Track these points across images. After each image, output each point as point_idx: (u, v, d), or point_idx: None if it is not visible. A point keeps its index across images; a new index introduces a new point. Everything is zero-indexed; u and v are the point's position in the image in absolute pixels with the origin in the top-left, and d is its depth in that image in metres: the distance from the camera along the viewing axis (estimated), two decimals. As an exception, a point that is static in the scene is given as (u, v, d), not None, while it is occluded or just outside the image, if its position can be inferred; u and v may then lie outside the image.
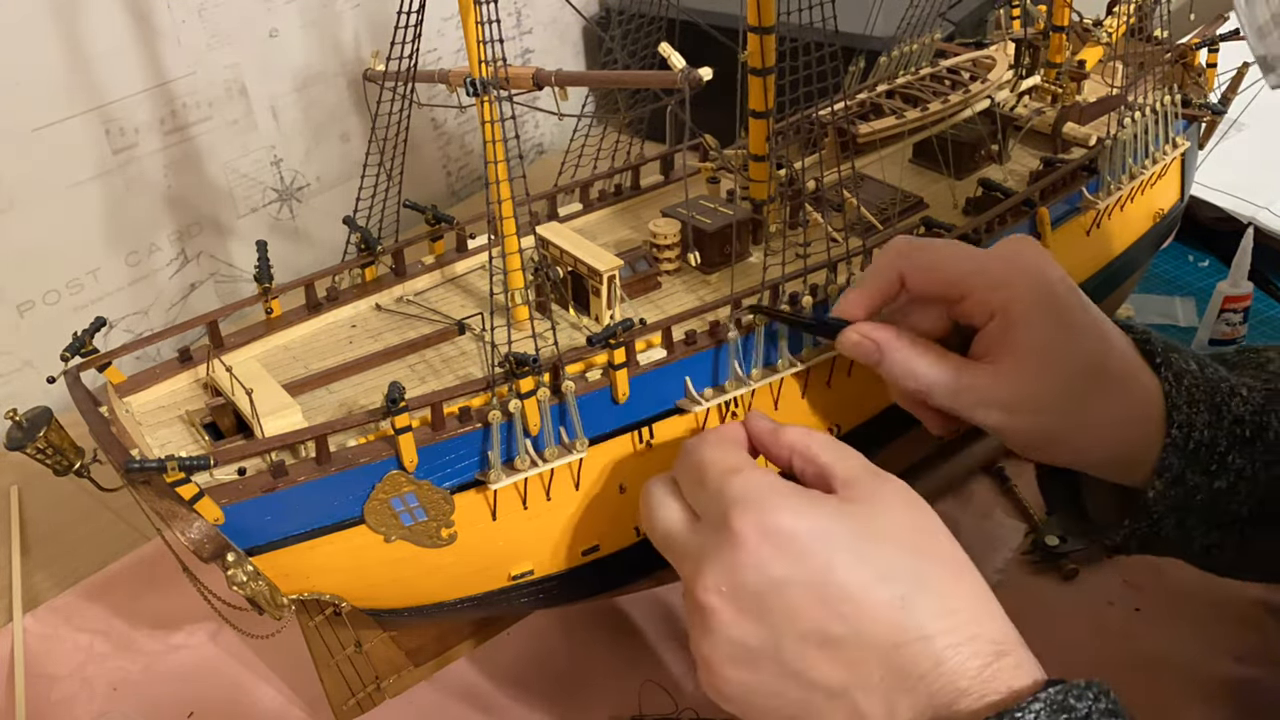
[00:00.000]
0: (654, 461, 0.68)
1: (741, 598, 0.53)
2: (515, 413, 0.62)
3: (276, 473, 0.60)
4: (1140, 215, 0.92)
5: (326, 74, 1.28)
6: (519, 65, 0.64)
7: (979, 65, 0.96)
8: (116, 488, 0.62)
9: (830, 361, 0.72)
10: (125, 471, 0.57)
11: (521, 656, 0.82)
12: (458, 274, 0.80)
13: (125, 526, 0.94)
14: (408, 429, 0.60)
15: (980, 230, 0.78)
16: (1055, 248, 0.81)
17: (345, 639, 0.73)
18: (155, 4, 1.09)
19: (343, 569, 0.64)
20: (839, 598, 0.52)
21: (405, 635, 0.77)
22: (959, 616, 0.51)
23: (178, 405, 0.69)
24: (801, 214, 0.78)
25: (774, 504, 0.54)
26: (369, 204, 0.78)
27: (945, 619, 0.51)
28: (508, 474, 0.64)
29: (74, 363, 0.67)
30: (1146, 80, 0.88)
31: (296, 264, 1.28)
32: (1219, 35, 0.99)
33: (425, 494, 0.62)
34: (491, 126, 0.63)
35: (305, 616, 0.70)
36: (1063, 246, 0.82)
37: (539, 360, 0.62)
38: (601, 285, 0.70)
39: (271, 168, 1.27)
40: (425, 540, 0.64)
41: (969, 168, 0.89)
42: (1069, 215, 0.84)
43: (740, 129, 0.78)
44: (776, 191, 0.78)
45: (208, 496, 0.58)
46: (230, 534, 0.59)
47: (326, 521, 0.62)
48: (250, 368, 0.68)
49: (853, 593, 0.52)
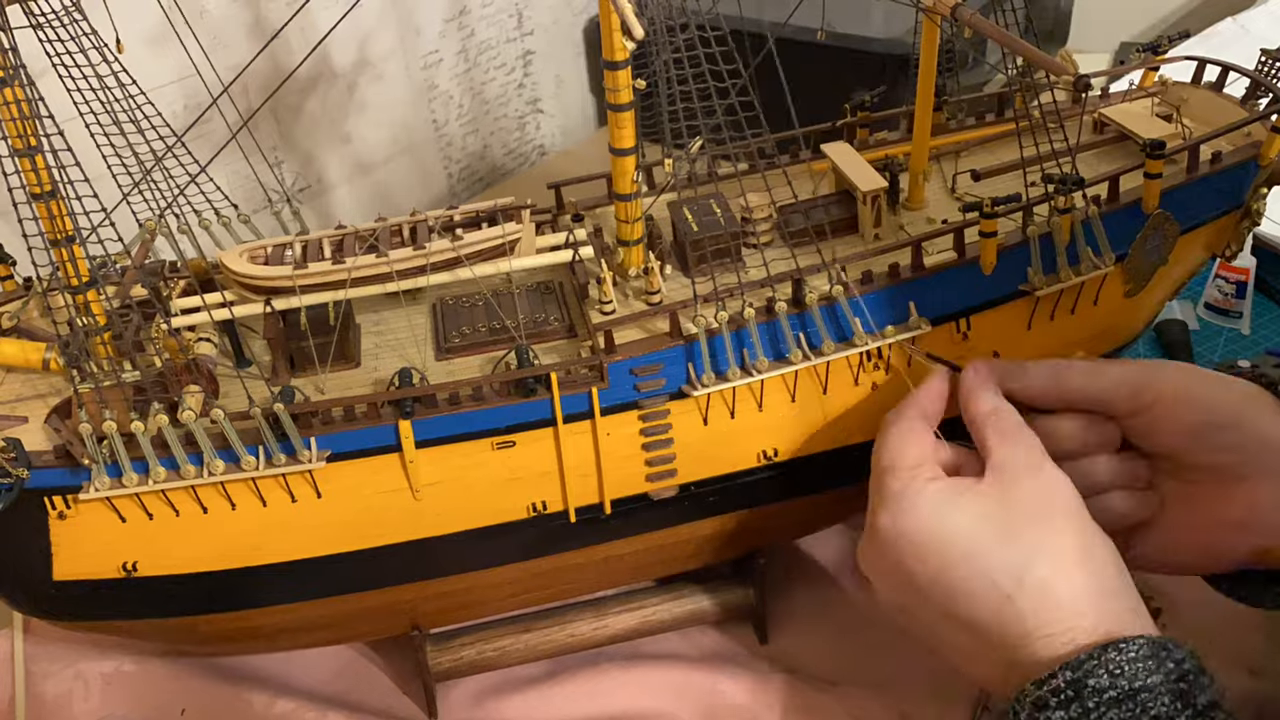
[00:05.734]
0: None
1: (885, 577, 0.65)
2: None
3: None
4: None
5: None
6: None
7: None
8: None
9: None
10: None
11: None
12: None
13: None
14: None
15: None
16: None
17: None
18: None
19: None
20: (952, 594, 0.61)
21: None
22: (1061, 611, 0.58)
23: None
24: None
25: (907, 507, 0.63)
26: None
27: (1045, 614, 0.58)
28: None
29: None
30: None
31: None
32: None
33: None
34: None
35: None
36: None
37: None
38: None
39: None
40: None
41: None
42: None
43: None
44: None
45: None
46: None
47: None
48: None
49: (963, 593, 0.60)
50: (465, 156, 1.50)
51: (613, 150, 0.72)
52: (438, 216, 0.75)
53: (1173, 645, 0.55)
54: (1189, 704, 0.53)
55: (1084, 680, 0.54)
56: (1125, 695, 0.53)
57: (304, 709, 0.81)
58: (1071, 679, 0.54)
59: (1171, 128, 0.83)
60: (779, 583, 0.87)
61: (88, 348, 0.68)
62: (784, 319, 0.72)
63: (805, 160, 0.88)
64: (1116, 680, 0.53)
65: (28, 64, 0.61)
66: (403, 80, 1.37)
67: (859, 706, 0.79)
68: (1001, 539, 0.61)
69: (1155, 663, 0.54)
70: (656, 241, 0.80)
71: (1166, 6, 1.81)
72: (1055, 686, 0.54)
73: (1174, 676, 0.54)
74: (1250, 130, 0.81)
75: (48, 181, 0.63)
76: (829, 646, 0.84)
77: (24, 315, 0.79)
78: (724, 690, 0.81)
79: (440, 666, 0.81)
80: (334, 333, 0.73)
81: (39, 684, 0.83)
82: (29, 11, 0.63)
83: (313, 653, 0.85)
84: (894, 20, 1.30)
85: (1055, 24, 1.66)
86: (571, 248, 0.77)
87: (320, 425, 0.70)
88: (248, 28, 1.18)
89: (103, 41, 0.67)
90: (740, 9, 0.72)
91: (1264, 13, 1.54)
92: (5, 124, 0.61)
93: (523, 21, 1.51)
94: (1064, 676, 0.54)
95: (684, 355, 0.72)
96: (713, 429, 0.74)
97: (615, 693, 0.81)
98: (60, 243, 0.65)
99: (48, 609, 0.76)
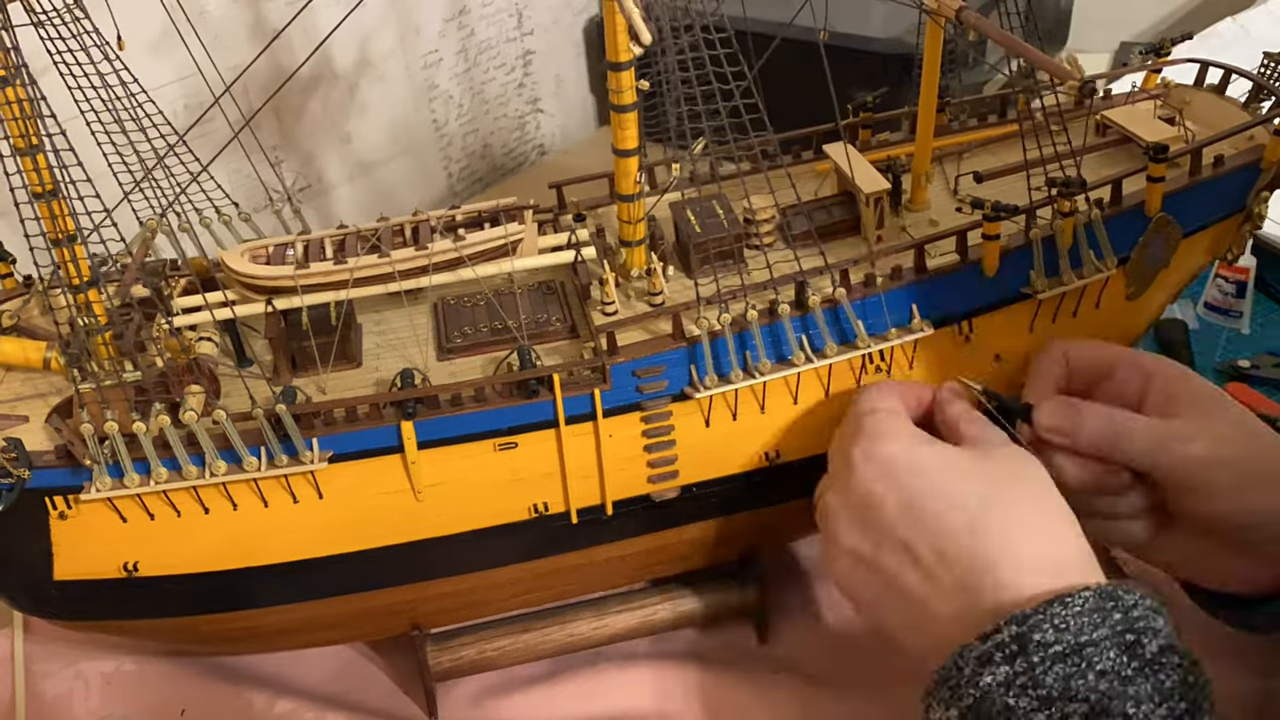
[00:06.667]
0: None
1: (851, 509, 0.65)
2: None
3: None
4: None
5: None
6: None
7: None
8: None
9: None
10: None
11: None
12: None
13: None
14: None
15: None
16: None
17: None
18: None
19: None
20: (920, 517, 0.61)
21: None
22: (1023, 545, 0.59)
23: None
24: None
25: (885, 435, 0.65)
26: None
27: (1009, 546, 0.58)
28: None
29: None
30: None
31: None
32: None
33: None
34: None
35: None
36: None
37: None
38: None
39: None
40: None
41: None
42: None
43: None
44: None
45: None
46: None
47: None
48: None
49: (931, 514, 0.61)
50: (465, 156, 1.50)
51: (616, 151, 0.72)
52: (440, 216, 0.75)
53: (1122, 593, 0.54)
54: (1135, 655, 0.52)
55: (1029, 635, 0.53)
56: (1071, 650, 0.52)
57: (304, 709, 0.81)
58: (1016, 633, 0.53)
59: (1174, 131, 0.83)
60: (779, 583, 0.87)
61: (89, 347, 0.67)
62: (787, 321, 0.72)
63: (808, 161, 0.88)
64: (1062, 635, 0.52)
65: (29, 62, 0.61)
66: (403, 80, 1.37)
67: (859, 706, 0.79)
68: (973, 478, 0.62)
69: (1101, 615, 0.53)
70: (659, 242, 0.80)
71: (1166, 7, 1.81)
72: (1000, 641, 0.53)
73: (1120, 628, 0.53)
74: (1253, 133, 0.81)
75: (49, 180, 0.63)
76: (829, 646, 0.84)
77: (24, 314, 0.79)
78: (724, 690, 0.81)
79: (440, 666, 0.81)
80: (336, 333, 0.73)
81: (39, 684, 0.83)
82: (30, 9, 0.63)
83: (313, 653, 0.84)
84: (895, 20, 1.30)
85: (1055, 24, 1.66)
86: (574, 248, 0.77)
87: (322, 426, 0.70)
88: (249, 28, 1.18)
89: (104, 40, 0.67)
90: (744, 9, 0.72)
91: (1264, 13, 1.54)
92: (7, 123, 0.61)
93: (523, 21, 1.51)
94: (1009, 631, 0.53)
95: (686, 357, 0.72)
96: (715, 431, 0.74)
97: (615, 693, 0.81)
98: (61, 242, 0.64)
99: (48, 609, 0.76)
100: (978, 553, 0.59)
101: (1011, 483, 0.63)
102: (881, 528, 0.63)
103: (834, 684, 0.81)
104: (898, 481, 0.63)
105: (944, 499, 0.61)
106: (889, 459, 0.64)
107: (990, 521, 0.60)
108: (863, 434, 0.66)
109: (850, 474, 0.65)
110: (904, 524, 0.62)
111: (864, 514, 0.64)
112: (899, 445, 0.65)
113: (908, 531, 0.62)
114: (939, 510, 0.61)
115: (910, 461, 0.64)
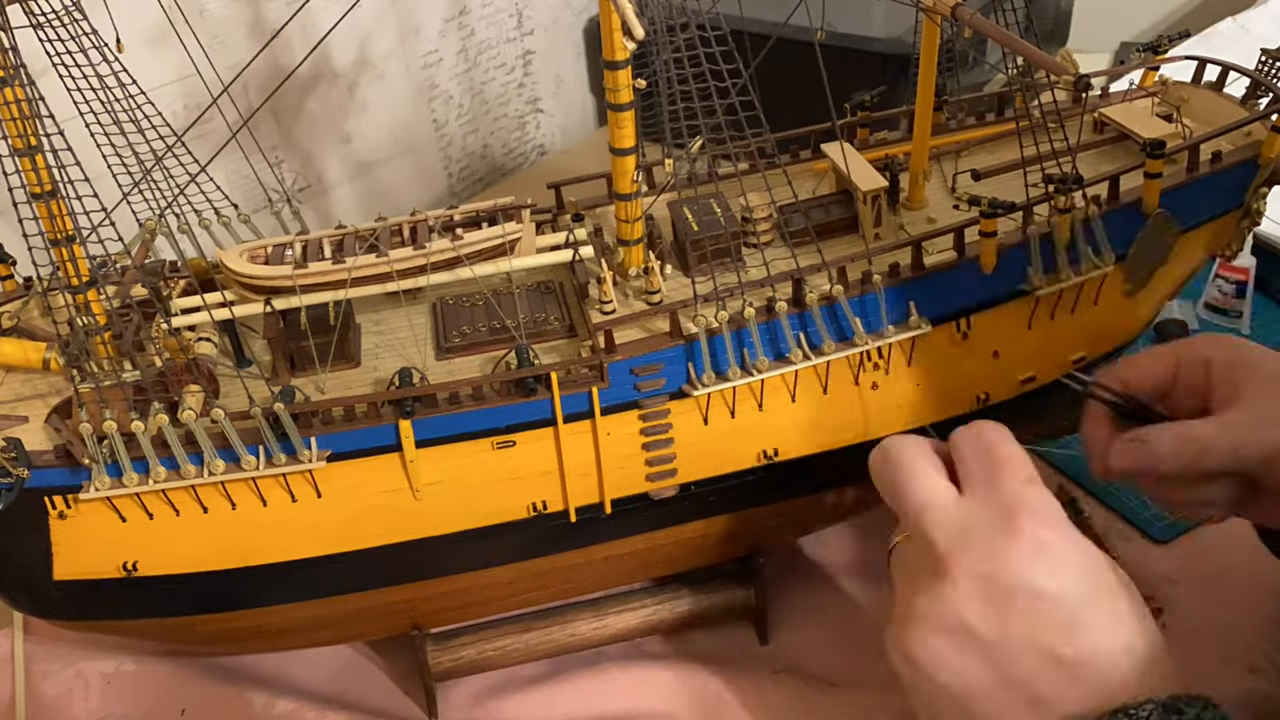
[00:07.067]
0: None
1: (994, 584, 0.55)
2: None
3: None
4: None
5: None
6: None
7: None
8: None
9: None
10: None
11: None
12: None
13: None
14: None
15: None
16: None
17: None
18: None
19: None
20: (1083, 630, 0.54)
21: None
22: (1160, 665, 0.54)
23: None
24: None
25: (1061, 525, 0.57)
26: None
27: (1150, 666, 0.54)
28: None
29: None
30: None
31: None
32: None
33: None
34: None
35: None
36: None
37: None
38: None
39: None
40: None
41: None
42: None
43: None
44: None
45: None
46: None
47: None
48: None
49: (1095, 630, 0.54)
50: (465, 156, 1.50)
51: (613, 150, 0.72)
52: (438, 216, 0.75)
53: (1184, 705, 0.52)
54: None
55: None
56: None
57: (304, 709, 0.81)
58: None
59: (1172, 127, 0.83)
60: (779, 583, 0.87)
61: (88, 347, 0.68)
62: (784, 318, 0.72)
63: (805, 160, 0.88)
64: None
65: (28, 63, 0.61)
66: (403, 80, 1.37)
67: (859, 706, 0.78)
68: (1119, 597, 0.56)
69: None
70: (656, 241, 0.80)
71: (1166, 6, 1.81)
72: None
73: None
74: (1250, 130, 0.81)
75: (48, 181, 0.63)
76: (829, 646, 0.84)
77: (24, 315, 0.79)
78: (724, 690, 0.81)
79: (440, 666, 0.81)
80: (334, 332, 0.73)
81: (39, 684, 0.83)
82: (29, 11, 0.63)
83: (313, 653, 0.85)
84: (894, 20, 1.30)
85: (1055, 24, 1.66)
86: (571, 247, 0.77)
87: (320, 425, 0.70)
88: (248, 27, 1.18)
89: (103, 41, 0.67)
90: (740, 9, 0.72)
91: (1264, 12, 1.54)
92: (5, 124, 0.61)
93: (523, 21, 1.51)
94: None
95: (684, 355, 0.72)
96: (713, 429, 0.74)
97: (615, 693, 0.81)
98: (60, 242, 0.65)
99: (48, 609, 0.76)
100: (1129, 676, 0.54)
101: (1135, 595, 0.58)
102: (1028, 621, 0.55)
103: (834, 684, 0.81)
104: (1067, 586, 0.55)
105: (1108, 619, 0.55)
106: (1064, 556, 0.56)
107: (1139, 643, 0.55)
108: (1033, 509, 0.58)
109: (1011, 544, 0.56)
110: (1057, 628, 0.55)
111: (1011, 597, 0.55)
112: (1074, 545, 0.57)
113: (1060, 637, 0.55)
114: (1101, 631, 0.55)
115: (1083, 566, 0.57)
